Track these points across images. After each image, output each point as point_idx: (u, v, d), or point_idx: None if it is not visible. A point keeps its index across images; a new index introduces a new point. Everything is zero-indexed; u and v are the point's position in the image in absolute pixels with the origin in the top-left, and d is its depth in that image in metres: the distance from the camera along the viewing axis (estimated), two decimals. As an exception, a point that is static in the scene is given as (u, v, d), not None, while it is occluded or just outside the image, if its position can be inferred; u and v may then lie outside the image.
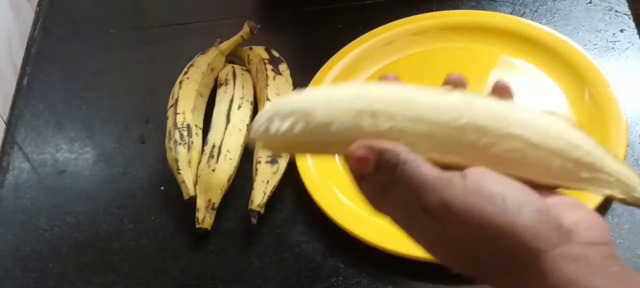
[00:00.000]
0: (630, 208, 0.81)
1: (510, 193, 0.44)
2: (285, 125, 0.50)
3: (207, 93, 0.98)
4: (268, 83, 0.94)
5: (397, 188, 0.47)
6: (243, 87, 0.96)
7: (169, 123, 0.92)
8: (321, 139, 0.50)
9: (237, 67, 0.99)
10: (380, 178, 0.48)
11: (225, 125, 0.91)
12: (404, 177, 0.46)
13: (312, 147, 0.52)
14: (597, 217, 0.46)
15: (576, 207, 0.47)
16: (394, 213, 0.49)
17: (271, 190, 0.86)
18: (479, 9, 1.02)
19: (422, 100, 0.49)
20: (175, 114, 0.92)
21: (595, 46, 0.96)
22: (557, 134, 0.48)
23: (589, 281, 0.42)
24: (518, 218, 0.43)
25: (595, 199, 0.78)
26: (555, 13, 1.00)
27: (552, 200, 0.46)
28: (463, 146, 0.48)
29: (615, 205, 0.81)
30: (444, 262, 0.48)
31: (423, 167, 0.47)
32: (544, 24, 0.97)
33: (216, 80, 0.99)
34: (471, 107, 0.49)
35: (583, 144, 0.49)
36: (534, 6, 1.01)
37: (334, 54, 0.98)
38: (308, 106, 0.50)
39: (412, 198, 0.47)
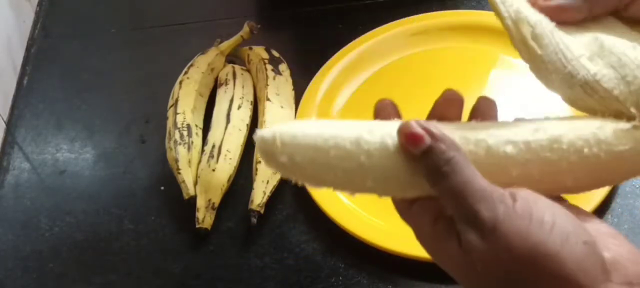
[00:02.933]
0: (630, 208, 0.81)
1: (559, 221, 0.43)
2: None
3: (207, 93, 0.98)
4: (268, 83, 0.94)
5: (440, 186, 0.44)
6: (243, 87, 0.96)
7: (169, 123, 0.92)
8: None
9: (237, 67, 0.99)
10: (426, 165, 0.45)
11: (225, 125, 0.91)
12: (454, 175, 0.44)
13: None
14: (635, 251, 0.45)
15: (615, 238, 0.45)
16: (419, 225, 0.47)
17: (271, 190, 0.86)
18: (479, 9, 1.02)
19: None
20: (176, 113, 0.92)
21: (595, 46, 0.96)
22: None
23: None
24: (565, 248, 0.42)
25: (595, 200, 0.79)
26: (555, 13, 1.00)
27: (591, 227, 0.45)
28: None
29: (614, 205, 0.81)
30: (468, 285, 0.47)
31: (478, 175, 0.44)
32: (544, 24, 0.97)
33: (216, 80, 0.99)
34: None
35: None
36: (534, 6, 1.01)
37: (334, 54, 0.98)
38: None
39: (454, 204, 0.44)
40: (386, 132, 0.47)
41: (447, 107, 0.50)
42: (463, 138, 0.47)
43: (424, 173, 0.45)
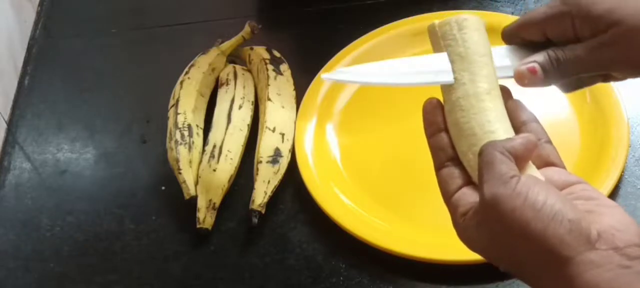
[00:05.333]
0: (632, 208, 0.81)
1: (549, 201, 0.48)
2: None
3: (208, 93, 0.98)
4: (269, 83, 0.94)
5: (480, 157, 0.52)
6: (244, 87, 0.96)
7: (170, 123, 0.92)
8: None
9: (238, 67, 0.99)
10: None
11: (226, 125, 0.91)
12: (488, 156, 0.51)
13: None
14: (628, 220, 0.49)
15: (611, 211, 0.50)
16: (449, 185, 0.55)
17: (272, 190, 0.86)
18: (480, 10, 1.02)
19: None
20: (176, 113, 0.92)
21: (597, 46, 0.96)
22: None
23: (607, 284, 0.46)
24: (550, 225, 0.47)
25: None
26: (556, 13, 1.00)
27: (590, 205, 0.50)
28: None
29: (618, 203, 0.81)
30: (486, 257, 0.52)
31: (504, 161, 0.50)
32: (545, 24, 0.97)
33: (217, 80, 0.99)
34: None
35: None
36: (535, 7, 1.01)
37: (335, 54, 0.98)
38: None
39: (480, 170, 0.51)
40: None
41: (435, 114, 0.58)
42: None
43: None
